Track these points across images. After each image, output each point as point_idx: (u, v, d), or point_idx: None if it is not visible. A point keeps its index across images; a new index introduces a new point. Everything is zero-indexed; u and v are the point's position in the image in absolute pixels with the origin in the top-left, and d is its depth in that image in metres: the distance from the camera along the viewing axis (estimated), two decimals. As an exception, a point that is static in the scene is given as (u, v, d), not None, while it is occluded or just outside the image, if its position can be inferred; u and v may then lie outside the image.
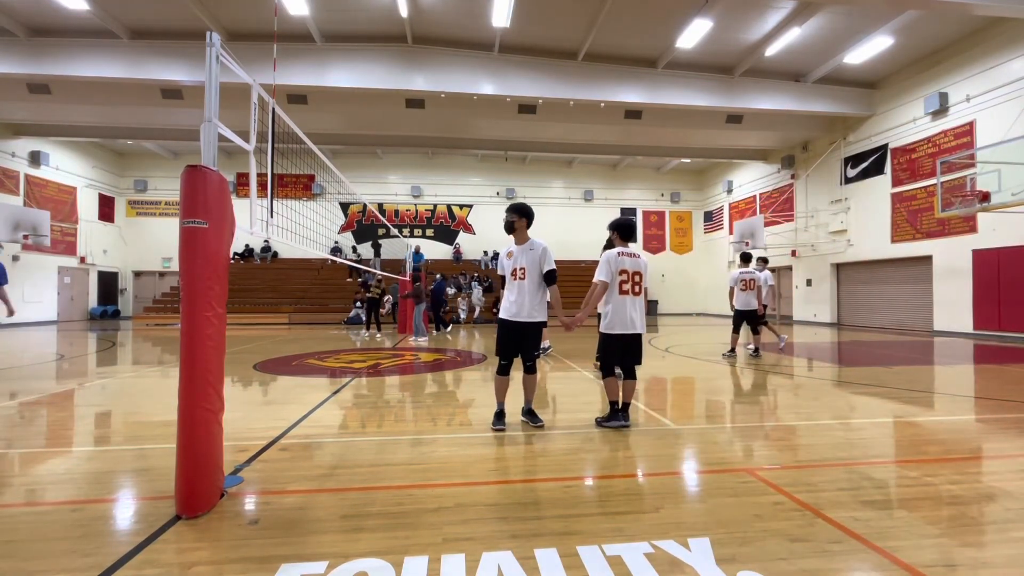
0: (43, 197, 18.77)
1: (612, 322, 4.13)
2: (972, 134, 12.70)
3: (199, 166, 2.62)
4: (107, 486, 2.92)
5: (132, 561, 2.06)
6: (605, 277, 4.13)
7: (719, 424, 4.40)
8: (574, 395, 5.62)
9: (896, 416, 4.59)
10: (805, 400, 5.29)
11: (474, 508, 2.58)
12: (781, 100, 15.57)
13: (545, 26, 13.02)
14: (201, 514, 2.47)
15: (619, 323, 4.11)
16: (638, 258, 4.20)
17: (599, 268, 4.19)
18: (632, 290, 4.12)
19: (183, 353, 2.55)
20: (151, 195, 23.46)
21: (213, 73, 2.69)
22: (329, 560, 2.05)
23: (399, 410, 4.86)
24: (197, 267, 2.58)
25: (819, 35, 13.03)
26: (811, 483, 2.91)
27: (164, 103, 14.88)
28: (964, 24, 12.35)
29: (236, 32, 13.15)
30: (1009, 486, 2.85)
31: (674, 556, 2.09)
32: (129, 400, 5.44)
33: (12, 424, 4.35)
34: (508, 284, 4.12)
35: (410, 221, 24.69)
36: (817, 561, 2.05)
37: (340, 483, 2.94)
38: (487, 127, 17.53)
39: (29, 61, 13.05)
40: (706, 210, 25.95)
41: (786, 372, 7.25)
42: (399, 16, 12.30)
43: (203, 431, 2.55)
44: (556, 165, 25.24)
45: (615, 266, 4.12)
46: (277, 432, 4.01)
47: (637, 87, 15.00)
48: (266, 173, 4.03)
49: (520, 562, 2.04)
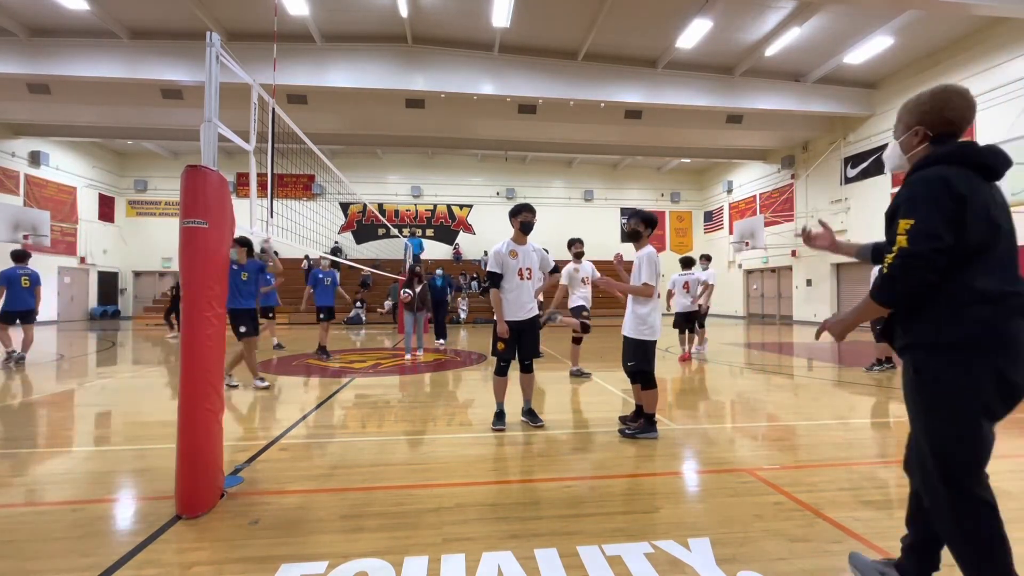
0: (43, 197, 18.76)
1: (655, 326, 3.79)
2: (972, 134, 12.69)
3: (199, 166, 2.62)
4: (107, 486, 2.92)
5: (132, 561, 2.06)
6: (653, 281, 3.73)
7: (719, 424, 4.40)
8: (574, 395, 5.62)
9: (896, 416, 4.59)
10: (805, 400, 5.29)
11: (474, 508, 2.58)
12: (781, 100, 15.56)
13: (545, 26, 13.02)
14: (201, 514, 2.48)
15: (659, 327, 3.80)
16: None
17: (645, 270, 3.76)
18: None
19: (183, 353, 2.55)
20: (151, 195, 23.45)
21: (213, 73, 2.69)
22: (329, 560, 2.05)
23: (399, 410, 4.86)
24: (197, 267, 2.58)
25: (819, 35, 13.03)
26: (811, 483, 2.91)
27: (164, 103, 14.87)
28: (964, 24, 12.35)
29: (236, 32, 13.14)
30: (1009, 486, 2.85)
31: (674, 556, 2.09)
32: (129, 400, 5.44)
33: (12, 424, 4.35)
34: (513, 284, 4.06)
35: (410, 221, 24.68)
36: (817, 561, 2.05)
37: (340, 483, 2.94)
38: (487, 127, 17.52)
39: (29, 61, 13.04)
40: (706, 210, 25.95)
41: (786, 372, 7.25)
42: (399, 16, 12.29)
43: (203, 431, 2.56)
44: (556, 165, 25.23)
45: (660, 267, 3.77)
46: (277, 432, 4.01)
47: (637, 87, 14.99)
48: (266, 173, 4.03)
49: (520, 562, 2.04)
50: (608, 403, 5.16)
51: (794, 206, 19.37)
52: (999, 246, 1.51)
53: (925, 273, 1.48)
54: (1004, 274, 1.49)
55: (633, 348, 3.87)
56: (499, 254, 4.05)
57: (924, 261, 1.47)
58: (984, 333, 1.47)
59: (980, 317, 1.47)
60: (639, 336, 3.82)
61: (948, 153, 1.58)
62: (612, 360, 8.06)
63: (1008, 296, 1.47)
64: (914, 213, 1.51)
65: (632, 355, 3.87)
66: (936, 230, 1.47)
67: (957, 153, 1.57)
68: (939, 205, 1.48)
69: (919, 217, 1.49)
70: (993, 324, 1.46)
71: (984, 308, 1.47)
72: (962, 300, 1.49)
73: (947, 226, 1.47)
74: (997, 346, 1.46)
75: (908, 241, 1.49)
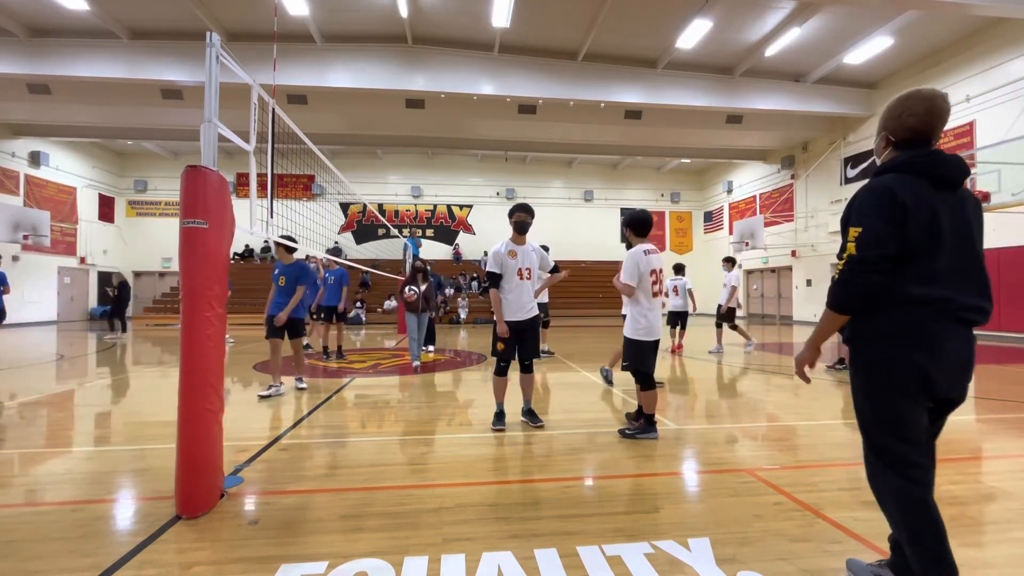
0: (43, 197, 18.76)
1: (647, 327, 3.78)
2: (972, 134, 12.70)
3: (199, 166, 2.62)
4: (107, 486, 2.92)
5: (132, 561, 2.06)
6: (632, 279, 3.80)
7: (719, 424, 4.40)
8: (574, 395, 5.62)
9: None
10: (805, 400, 5.29)
11: (474, 508, 2.58)
12: (781, 100, 15.56)
13: (545, 26, 13.02)
14: (201, 514, 2.47)
15: (653, 328, 3.79)
16: (659, 254, 3.95)
17: (625, 269, 3.83)
18: (660, 290, 3.86)
19: (183, 353, 2.55)
20: (151, 195, 23.45)
21: (213, 73, 2.69)
22: (329, 560, 2.05)
23: (399, 410, 4.86)
24: (197, 267, 2.58)
25: (819, 35, 13.03)
26: (811, 483, 2.91)
27: (164, 103, 14.87)
28: (964, 24, 12.35)
29: (236, 32, 13.14)
30: (1009, 486, 2.85)
31: (674, 556, 2.09)
32: (129, 400, 5.44)
33: (12, 424, 4.35)
34: (512, 284, 4.05)
35: (410, 221, 24.67)
36: (817, 561, 2.05)
37: (340, 483, 2.94)
38: (487, 127, 17.53)
39: (29, 61, 13.04)
40: (706, 210, 25.94)
41: (787, 372, 7.25)
42: (399, 16, 12.30)
43: (203, 431, 2.55)
44: (556, 165, 25.23)
45: (644, 266, 3.78)
46: (277, 432, 4.01)
47: (637, 87, 14.99)
48: (266, 173, 4.03)
49: (520, 562, 2.04)
50: (608, 403, 5.16)
51: (794, 206, 19.37)
52: (941, 253, 1.60)
53: (873, 276, 1.59)
54: (940, 280, 1.60)
55: (628, 348, 3.89)
56: (498, 254, 4.06)
57: (871, 266, 1.59)
58: (908, 330, 1.61)
59: (909, 318, 1.61)
60: (633, 336, 3.85)
61: (900, 163, 1.68)
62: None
63: (937, 301, 1.59)
64: (862, 221, 1.63)
65: (627, 355, 3.90)
66: (881, 237, 1.58)
67: (906, 163, 1.67)
68: (884, 214, 1.60)
69: (866, 225, 1.61)
70: (919, 323, 1.60)
71: (914, 311, 1.61)
72: (896, 300, 1.62)
73: (892, 233, 1.58)
74: (918, 342, 1.60)
75: (856, 248, 1.61)
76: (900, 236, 1.58)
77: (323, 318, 8.41)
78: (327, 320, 8.43)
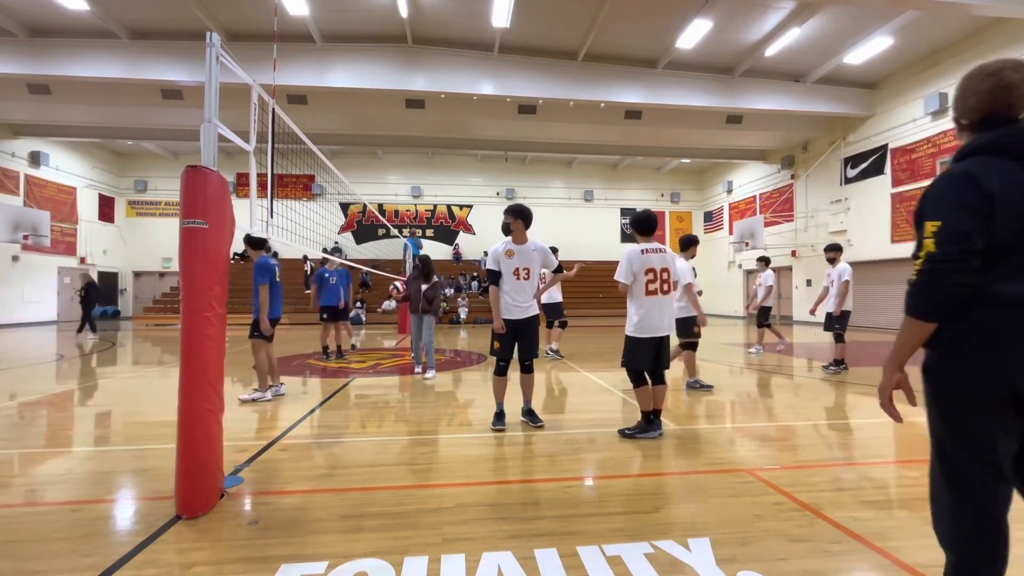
0: (43, 197, 18.75)
1: (642, 325, 3.85)
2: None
3: (199, 166, 2.62)
4: (107, 486, 2.92)
5: (132, 561, 2.06)
6: (624, 278, 3.88)
7: (719, 424, 4.40)
8: (574, 395, 5.62)
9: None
10: (805, 400, 5.29)
11: (474, 508, 2.58)
12: (781, 100, 15.56)
13: (545, 26, 13.01)
14: (201, 514, 2.48)
15: (648, 326, 3.84)
16: (664, 253, 3.93)
17: (619, 268, 3.93)
18: (661, 288, 3.86)
19: (183, 353, 2.55)
20: (151, 195, 23.45)
21: (213, 73, 2.69)
22: (329, 560, 2.05)
23: (399, 410, 4.86)
24: (197, 267, 2.58)
25: (819, 35, 13.03)
26: (811, 483, 2.91)
27: (164, 103, 14.87)
28: (964, 24, 12.34)
29: (236, 32, 13.14)
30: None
31: (674, 556, 2.09)
32: (129, 400, 5.44)
33: (12, 424, 4.35)
34: (510, 284, 4.08)
35: (410, 221, 24.67)
36: (817, 561, 2.05)
37: (340, 483, 2.94)
38: (487, 127, 17.52)
39: (29, 61, 13.03)
40: (706, 210, 25.94)
41: (787, 372, 7.25)
42: (399, 16, 12.29)
43: (203, 431, 2.56)
44: (556, 165, 25.23)
45: (638, 265, 3.85)
46: (277, 432, 4.01)
47: (637, 87, 14.99)
48: (266, 173, 4.03)
49: (520, 562, 2.04)
50: (608, 403, 5.16)
51: (794, 206, 19.37)
52: None
53: (956, 276, 1.36)
54: None
55: (625, 345, 3.98)
56: (496, 253, 4.11)
57: (955, 264, 1.35)
58: (987, 336, 1.36)
59: (989, 321, 1.36)
60: (628, 333, 3.94)
61: (980, 145, 1.45)
62: (612, 360, 8.05)
63: None
64: (940, 214, 1.40)
65: (624, 351, 3.99)
66: (964, 230, 1.35)
67: (988, 145, 1.43)
68: (967, 204, 1.37)
69: (946, 218, 1.38)
70: (1002, 327, 1.35)
71: (996, 312, 1.36)
72: (980, 301, 1.38)
73: (977, 226, 1.36)
74: (1001, 350, 1.34)
75: (936, 244, 1.38)
76: (987, 228, 1.35)
77: (325, 318, 8.36)
78: (330, 320, 8.38)
